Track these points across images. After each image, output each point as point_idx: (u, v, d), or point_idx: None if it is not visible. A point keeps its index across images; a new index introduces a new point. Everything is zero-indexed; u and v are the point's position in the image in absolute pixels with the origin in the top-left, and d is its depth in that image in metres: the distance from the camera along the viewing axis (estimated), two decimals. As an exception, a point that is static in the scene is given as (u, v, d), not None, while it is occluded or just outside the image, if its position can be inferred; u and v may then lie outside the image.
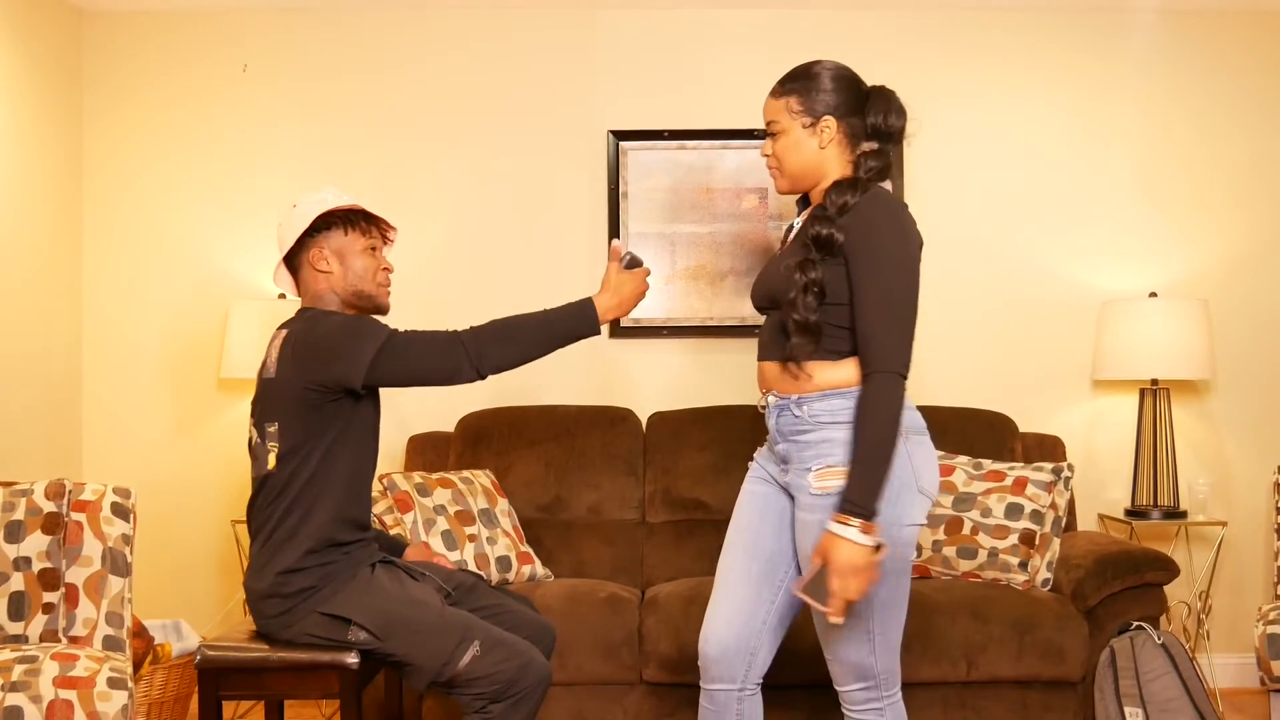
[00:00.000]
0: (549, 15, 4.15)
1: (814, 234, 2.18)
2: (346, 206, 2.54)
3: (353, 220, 2.55)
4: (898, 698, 2.26)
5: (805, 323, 2.15)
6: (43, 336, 3.93)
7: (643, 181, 4.12)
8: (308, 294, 2.56)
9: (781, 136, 2.30)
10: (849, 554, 2.04)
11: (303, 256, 2.54)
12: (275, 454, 2.43)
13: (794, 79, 2.30)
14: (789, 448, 2.24)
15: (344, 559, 2.46)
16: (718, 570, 2.37)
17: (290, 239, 2.52)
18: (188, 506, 4.09)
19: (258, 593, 2.45)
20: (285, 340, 2.46)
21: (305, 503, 2.42)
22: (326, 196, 2.54)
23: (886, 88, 2.31)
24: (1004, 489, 3.50)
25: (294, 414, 2.41)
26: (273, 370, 2.46)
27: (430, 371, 2.38)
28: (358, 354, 2.36)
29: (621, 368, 4.11)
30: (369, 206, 2.58)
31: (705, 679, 2.33)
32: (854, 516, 2.05)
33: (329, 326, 2.42)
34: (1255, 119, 4.17)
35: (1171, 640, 3.23)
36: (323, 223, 2.52)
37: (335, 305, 2.54)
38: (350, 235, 2.54)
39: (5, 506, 2.79)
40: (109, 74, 4.16)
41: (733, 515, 2.40)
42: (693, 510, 3.80)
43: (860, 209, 2.17)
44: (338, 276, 2.53)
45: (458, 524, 3.44)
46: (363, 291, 2.54)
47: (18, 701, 2.39)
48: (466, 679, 2.37)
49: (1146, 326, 3.82)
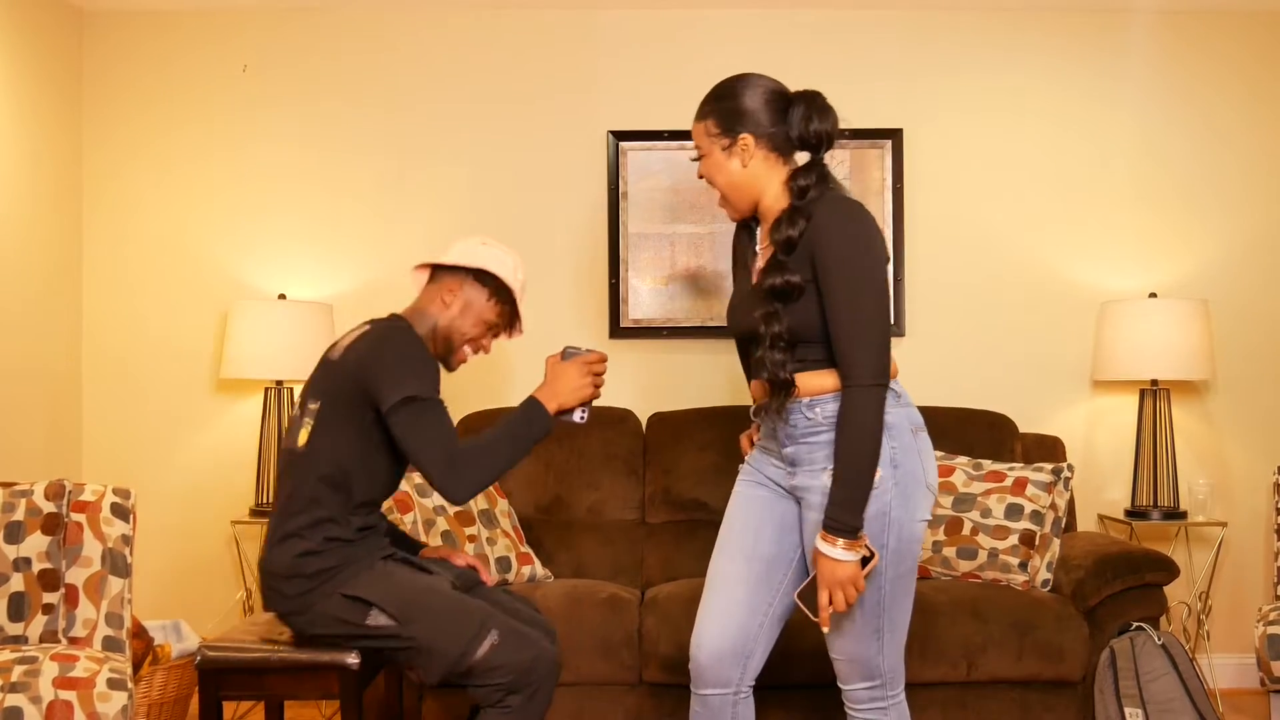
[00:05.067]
0: (549, 15, 4.15)
1: (769, 285, 2.15)
2: (511, 287, 2.61)
3: (503, 296, 2.62)
4: (901, 698, 2.26)
5: (776, 379, 2.16)
6: (43, 337, 3.93)
7: (642, 181, 4.12)
8: (419, 302, 2.64)
9: (705, 160, 2.30)
10: (835, 571, 2.09)
11: (447, 278, 2.61)
12: (308, 431, 2.47)
13: (713, 99, 2.29)
14: (798, 450, 2.22)
15: (361, 542, 2.49)
16: (710, 573, 2.35)
17: (460, 261, 2.58)
18: (188, 506, 4.09)
19: (277, 573, 2.45)
20: (364, 335, 2.50)
21: (328, 487, 2.45)
22: (508, 260, 2.61)
23: (810, 91, 2.25)
24: (1004, 489, 3.50)
25: (337, 400, 2.45)
26: (338, 354, 2.50)
27: (424, 460, 2.39)
28: (397, 387, 2.38)
29: (621, 368, 4.11)
30: (521, 299, 2.65)
31: (698, 684, 2.32)
32: (838, 535, 2.08)
33: (403, 348, 2.44)
34: (1255, 119, 4.17)
35: (1171, 641, 3.23)
36: (485, 276, 2.60)
37: (425, 328, 2.60)
38: (489, 303, 2.62)
39: (5, 507, 2.79)
40: (109, 74, 4.15)
41: (726, 518, 2.39)
42: (693, 510, 3.80)
43: (818, 221, 2.13)
44: (448, 317, 2.60)
45: (457, 524, 3.44)
46: (451, 343, 2.61)
47: (17, 702, 2.38)
48: (483, 669, 2.37)
49: (1146, 326, 3.82)
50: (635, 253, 4.12)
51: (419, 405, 2.38)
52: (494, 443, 2.42)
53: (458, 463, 2.37)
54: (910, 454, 2.18)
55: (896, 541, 2.16)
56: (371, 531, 2.55)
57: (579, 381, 2.50)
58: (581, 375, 2.50)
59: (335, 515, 2.45)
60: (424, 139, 4.16)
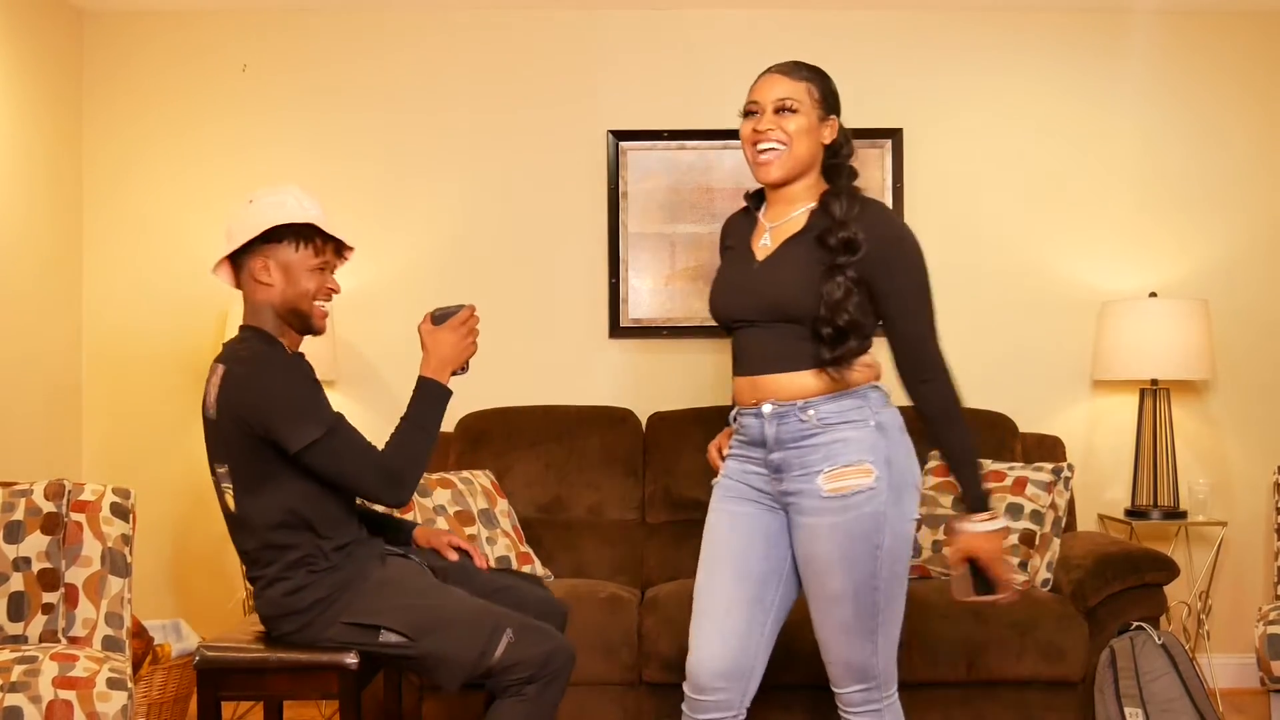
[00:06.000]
0: (549, 15, 4.15)
1: (843, 238, 2.15)
2: (307, 222, 2.39)
3: (307, 235, 2.39)
4: (895, 699, 2.26)
5: (854, 323, 2.16)
6: (43, 336, 3.92)
7: (642, 181, 4.12)
8: (246, 300, 2.45)
9: (797, 118, 2.21)
10: (994, 542, 2.18)
11: (248, 259, 2.40)
12: (232, 495, 2.38)
13: (807, 68, 2.26)
14: (786, 455, 2.21)
15: (348, 561, 2.42)
16: (700, 594, 2.29)
17: (240, 239, 2.38)
18: (188, 506, 4.09)
19: (271, 616, 2.42)
20: (224, 379, 2.34)
21: (282, 534, 2.36)
22: (286, 200, 2.38)
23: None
24: (1004, 489, 3.50)
25: (242, 459, 2.34)
26: (213, 410, 2.36)
27: (355, 485, 2.33)
28: (296, 434, 2.27)
29: (621, 368, 4.11)
30: (326, 223, 2.42)
31: (697, 708, 2.27)
32: (979, 512, 2.19)
33: (270, 387, 2.30)
34: (1255, 118, 4.17)
35: (1171, 640, 3.23)
36: (274, 233, 2.37)
37: (270, 320, 2.42)
38: (301, 252, 2.39)
39: (5, 506, 2.79)
40: (109, 74, 4.15)
41: (711, 536, 2.34)
42: (692, 510, 3.79)
43: (876, 218, 2.19)
44: (278, 291, 2.40)
45: (457, 524, 3.44)
46: (299, 310, 2.42)
47: (17, 702, 2.38)
48: (502, 668, 2.31)
49: (1146, 326, 3.82)
50: (635, 253, 4.12)
51: (324, 442, 2.27)
52: (411, 437, 2.35)
53: (389, 473, 2.31)
54: (901, 453, 2.20)
55: (891, 540, 2.16)
56: (354, 545, 2.45)
57: (461, 343, 2.41)
58: (460, 336, 2.41)
59: (309, 551, 2.37)
60: (424, 139, 4.16)
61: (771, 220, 2.29)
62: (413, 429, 2.36)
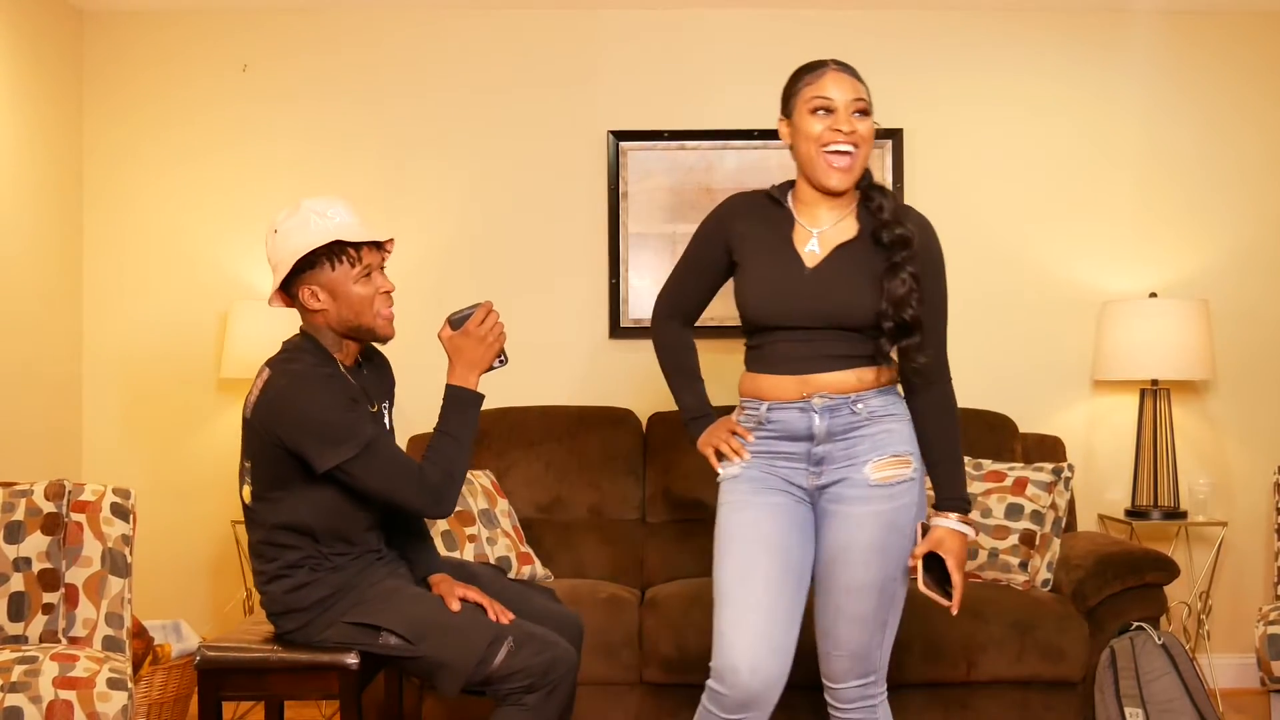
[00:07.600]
0: (549, 15, 4.15)
1: (899, 235, 2.19)
2: (336, 239, 2.34)
3: (337, 250, 2.35)
4: (884, 696, 2.28)
5: (918, 318, 2.17)
6: (43, 337, 3.92)
7: (643, 181, 4.12)
8: (304, 322, 2.43)
9: (868, 121, 2.20)
10: (963, 545, 2.19)
11: (295, 288, 2.38)
12: (249, 491, 2.42)
13: (857, 73, 2.25)
14: (832, 448, 2.21)
15: (352, 564, 2.42)
16: (740, 585, 2.17)
17: (279, 274, 2.36)
18: (188, 506, 4.09)
19: (275, 611, 2.43)
20: (266, 386, 2.33)
21: (284, 535, 2.38)
22: (307, 219, 2.34)
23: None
24: (1004, 489, 3.50)
25: (265, 459, 2.35)
26: (249, 411, 2.36)
27: (394, 499, 2.33)
28: (325, 454, 2.26)
29: (621, 368, 4.11)
30: (351, 227, 2.35)
31: (731, 708, 2.13)
32: (959, 511, 2.19)
33: (307, 408, 2.27)
34: (1256, 118, 4.17)
35: (1172, 641, 3.23)
36: (306, 262, 2.34)
37: (328, 338, 2.40)
38: (340, 268, 2.35)
39: (5, 507, 2.79)
40: (109, 74, 4.15)
41: (737, 530, 2.23)
42: (692, 510, 3.80)
43: (917, 219, 2.24)
44: (333, 313, 2.37)
45: (457, 524, 3.44)
46: (361, 326, 2.40)
47: (17, 702, 2.38)
48: (501, 676, 2.31)
49: (1146, 326, 3.82)
50: (635, 253, 4.12)
51: (360, 459, 2.27)
52: (444, 448, 2.35)
53: (426, 486, 2.32)
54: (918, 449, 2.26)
55: (912, 532, 2.21)
56: (368, 555, 2.45)
57: (483, 343, 2.39)
58: (481, 336, 2.39)
59: (309, 553, 2.39)
60: (424, 139, 4.16)
61: (813, 223, 2.26)
62: (445, 439, 2.37)
